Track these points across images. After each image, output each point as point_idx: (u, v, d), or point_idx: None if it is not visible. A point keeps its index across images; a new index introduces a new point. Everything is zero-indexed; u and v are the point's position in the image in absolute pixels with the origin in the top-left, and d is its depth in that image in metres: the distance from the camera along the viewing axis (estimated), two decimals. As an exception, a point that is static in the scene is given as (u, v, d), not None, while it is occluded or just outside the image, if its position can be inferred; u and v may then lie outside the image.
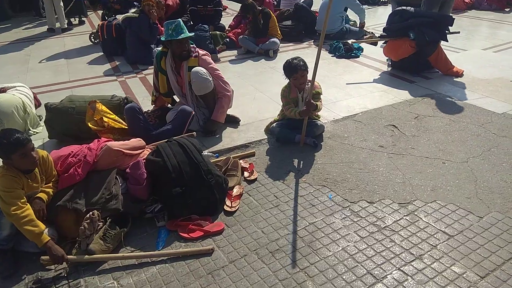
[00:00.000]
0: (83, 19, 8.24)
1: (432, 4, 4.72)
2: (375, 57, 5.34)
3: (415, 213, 2.40)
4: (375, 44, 5.86)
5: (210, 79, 3.34)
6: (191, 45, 3.41)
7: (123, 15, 5.66)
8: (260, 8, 5.81)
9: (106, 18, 6.30)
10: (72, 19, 8.07)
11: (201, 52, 3.48)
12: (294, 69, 3.13)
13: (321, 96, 3.25)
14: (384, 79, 4.57)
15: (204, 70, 3.32)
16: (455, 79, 4.46)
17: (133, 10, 5.78)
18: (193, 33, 3.88)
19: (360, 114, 3.73)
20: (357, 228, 2.30)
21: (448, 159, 2.95)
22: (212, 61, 3.53)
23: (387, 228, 2.29)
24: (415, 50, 4.40)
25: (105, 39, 5.67)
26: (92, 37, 6.41)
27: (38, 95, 4.12)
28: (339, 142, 3.26)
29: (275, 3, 7.41)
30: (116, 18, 5.82)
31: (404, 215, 2.39)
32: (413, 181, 2.72)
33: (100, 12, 7.77)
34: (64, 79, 4.92)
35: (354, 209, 2.46)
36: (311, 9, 6.85)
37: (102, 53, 5.83)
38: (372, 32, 6.54)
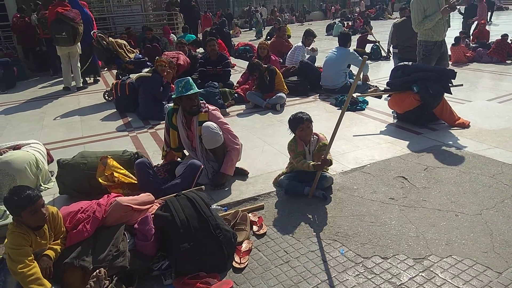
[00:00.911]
0: (98, 78, 8.64)
1: (430, 61, 4.86)
2: (380, 109, 5.44)
3: (431, 269, 2.31)
4: (379, 97, 6.00)
5: (220, 133, 3.42)
6: (201, 101, 3.54)
7: (137, 74, 5.94)
8: (266, 66, 6.07)
9: (120, 77, 6.60)
10: (87, 78, 8.46)
11: (211, 107, 3.59)
12: (300, 119, 3.20)
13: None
14: (391, 131, 4.62)
15: (215, 125, 3.42)
16: (461, 130, 4.49)
17: (146, 69, 6.07)
18: (203, 90, 4.02)
19: (368, 165, 3.73)
20: (371, 286, 2.21)
21: (461, 212, 2.89)
22: (221, 116, 3.63)
23: (403, 286, 2.20)
24: (419, 103, 4.48)
25: (119, 97, 5.89)
26: (106, 95, 6.67)
27: (51, 151, 4.23)
28: (348, 194, 3.24)
29: (281, 60, 7.73)
30: (129, 77, 6.10)
31: (420, 271, 2.30)
32: (427, 234, 2.64)
33: (114, 71, 8.15)
34: (77, 135, 5.06)
35: (368, 265, 2.38)
36: (315, 65, 7.12)
37: (115, 110, 6.04)
38: (376, 86, 6.71)
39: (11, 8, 10.38)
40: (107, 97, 6.64)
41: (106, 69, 9.29)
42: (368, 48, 10.65)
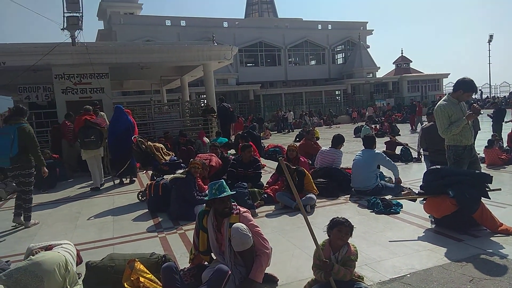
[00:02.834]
0: (134, 179, 9.00)
1: (461, 165, 4.78)
2: (416, 213, 5.22)
3: None
4: (413, 200, 5.82)
5: (250, 235, 3.36)
6: (232, 203, 3.56)
7: (172, 175, 6.17)
8: (294, 167, 6.17)
9: (155, 178, 6.86)
10: (124, 179, 8.83)
11: (242, 209, 3.60)
12: (343, 222, 3.14)
13: (361, 256, 3.13)
14: (429, 237, 4.36)
15: (245, 226, 3.38)
16: (506, 237, 4.18)
17: (180, 171, 6.32)
18: (235, 191, 4.08)
19: (408, 276, 3.46)
20: None
21: (521, 334, 2.54)
22: (252, 218, 3.60)
23: None
24: (457, 208, 4.29)
25: (152, 197, 6.06)
26: (139, 195, 6.87)
27: (82, 251, 4.24)
28: (388, 308, 2.96)
29: (310, 162, 7.86)
30: (163, 178, 6.33)
31: None
32: None
33: (150, 172, 8.50)
34: (108, 236, 5.10)
35: None
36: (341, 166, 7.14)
37: (147, 210, 6.14)
38: (409, 188, 6.57)
39: (61, 115, 11.49)
40: (140, 197, 6.83)
41: (143, 170, 9.73)
42: (398, 150, 10.72)
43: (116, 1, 39.04)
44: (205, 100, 15.56)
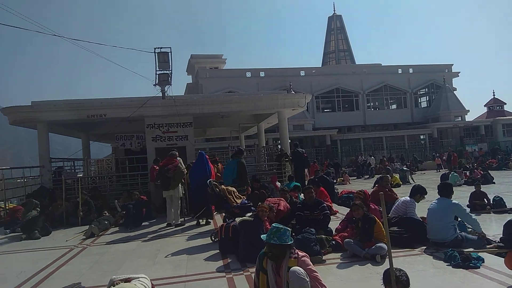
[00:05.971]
0: (210, 220, 9.49)
1: None
2: (499, 269, 4.72)
3: None
4: (502, 256, 5.25)
5: (307, 279, 3.42)
6: (292, 248, 3.66)
7: (241, 218, 6.45)
8: (366, 213, 6.04)
9: (227, 220, 7.20)
10: (200, 220, 9.36)
11: (301, 253, 3.69)
12: (396, 276, 3.05)
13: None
14: (513, 296, 3.94)
15: (302, 270, 3.46)
16: None
17: (249, 214, 6.57)
18: (292, 241, 3.96)
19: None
20: None
21: None
22: (310, 263, 3.66)
23: None
24: (544, 264, 3.85)
25: (223, 238, 6.36)
26: (212, 236, 7.24)
27: (156, 286, 4.61)
28: None
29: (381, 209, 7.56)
30: (234, 220, 6.63)
31: None
32: None
33: (223, 215, 8.91)
34: (182, 273, 5.45)
35: None
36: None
37: (218, 251, 6.44)
38: (499, 241, 5.94)
39: (150, 160, 12.77)
40: (213, 238, 7.18)
41: (217, 212, 10.21)
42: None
43: (203, 57, 42.85)
44: (279, 146, 15.99)
